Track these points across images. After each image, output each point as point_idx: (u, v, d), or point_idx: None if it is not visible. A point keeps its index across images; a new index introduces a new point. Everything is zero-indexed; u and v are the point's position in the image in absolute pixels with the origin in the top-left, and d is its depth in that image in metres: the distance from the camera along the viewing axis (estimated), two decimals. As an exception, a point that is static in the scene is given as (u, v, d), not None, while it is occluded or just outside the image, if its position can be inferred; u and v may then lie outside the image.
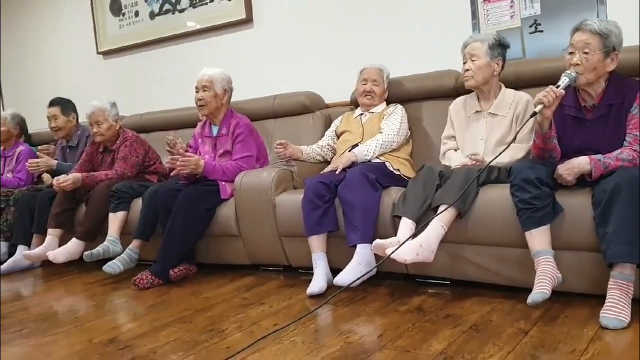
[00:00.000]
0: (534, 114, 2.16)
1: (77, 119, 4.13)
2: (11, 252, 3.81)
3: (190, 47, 4.45)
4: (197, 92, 3.25)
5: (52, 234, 3.56)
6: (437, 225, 2.24)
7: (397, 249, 2.18)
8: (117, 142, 3.69)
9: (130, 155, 3.62)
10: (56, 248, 3.46)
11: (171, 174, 3.44)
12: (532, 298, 1.98)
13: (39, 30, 5.47)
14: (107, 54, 4.94)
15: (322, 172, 2.93)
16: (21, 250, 3.70)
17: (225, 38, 4.26)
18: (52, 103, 4.05)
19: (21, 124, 4.54)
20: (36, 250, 3.53)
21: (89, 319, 2.51)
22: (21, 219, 3.80)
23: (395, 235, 2.36)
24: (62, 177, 3.51)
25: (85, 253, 3.26)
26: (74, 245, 3.39)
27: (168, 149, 3.16)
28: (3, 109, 5.56)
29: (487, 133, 2.62)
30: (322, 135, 3.34)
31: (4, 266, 3.63)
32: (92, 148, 3.80)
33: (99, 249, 3.25)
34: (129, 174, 3.60)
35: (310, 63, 3.87)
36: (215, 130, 3.32)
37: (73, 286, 3.20)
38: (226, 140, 3.26)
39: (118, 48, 4.84)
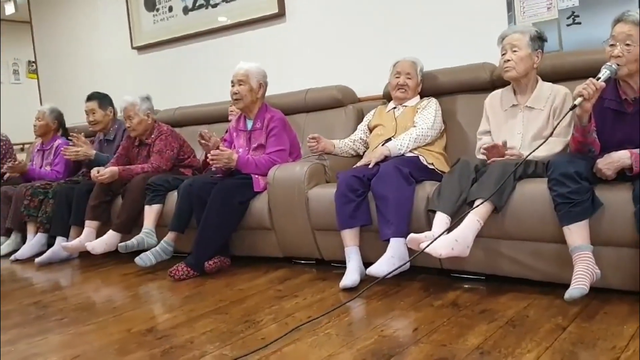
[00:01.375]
0: (574, 106, 2.13)
1: (115, 113, 4.21)
2: (50, 244, 3.92)
3: (223, 42, 4.48)
4: (232, 86, 3.28)
5: (90, 226, 3.65)
6: (473, 220, 2.22)
7: (431, 242, 2.17)
8: (153, 135, 3.75)
9: (166, 148, 3.68)
10: (94, 240, 3.55)
11: (209, 167, 3.49)
12: (569, 294, 1.96)
13: (75, 26, 5.58)
14: (141, 49, 5.01)
15: (354, 166, 2.93)
16: (59, 241, 3.80)
17: (257, 33, 4.28)
18: (90, 97, 4.14)
19: (59, 118, 4.65)
20: (74, 242, 3.62)
21: (126, 309, 2.56)
22: (59, 211, 3.89)
23: (429, 229, 2.35)
24: (100, 170, 3.59)
25: (120, 244, 3.33)
26: (110, 237, 3.47)
27: (203, 142, 3.20)
28: (41, 104, 5.70)
29: (523, 127, 2.59)
30: (355, 129, 3.33)
31: (43, 257, 3.73)
32: (127, 142, 3.88)
33: (134, 240, 3.32)
34: (164, 168, 3.66)
35: (343, 57, 3.86)
36: (249, 124, 3.35)
37: (110, 277, 3.27)
38: (260, 134, 3.28)
39: (152, 43, 4.90)
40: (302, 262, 3.12)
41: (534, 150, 2.28)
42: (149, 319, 2.38)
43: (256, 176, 3.15)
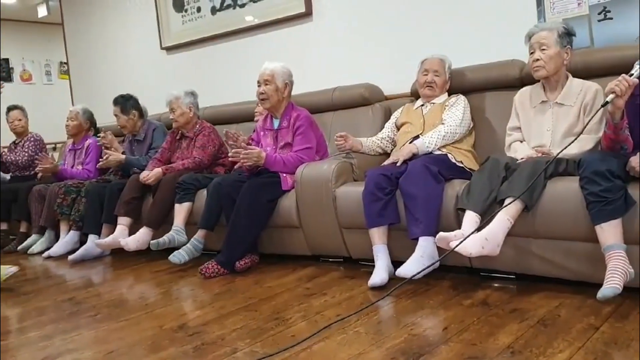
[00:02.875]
0: (606, 103, 2.10)
1: (141, 114, 4.27)
2: (82, 241, 4.01)
3: (250, 42, 4.52)
4: (259, 86, 3.30)
5: (122, 223, 3.73)
6: (503, 219, 2.21)
7: (461, 242, 2.16)
8: (194, 130, 3.86)
9: (208, 144, 3.78)
10: (127, 236, 3.62)
11: (235, 167, 3.53)
12: (602, 293, 1.93)
13: (106, 27, 5.69)
14: (170, 49, 5.08)
15: (382, 165, 2.93)
16: (92, 239, 3.88)
17: (284, 32, 4.30)
18: (114, 102, 4.22)
19: (91, 118, 4.75)
20: (108, 239, 3.69)
21: (158, 305, 2.61)
22: (91, 209, 3.98)
23: (458, 228, 2.34)
24: (145, 174, 3.72)
25: (151, 242, 3.39)
26: (143, 235, 3.54)
27: (230, 142, 3.24)
28: (72, 104, 5.82)
29: (553, 124, 2.56)
30: (382, 128, 3.33)
31: (75, 254, 3.82)
32: (171, 137, 4.01)
33: (165, 238, 3.38)
34: (205, 162, 3.76)
35: (370, 55, 3.86)
36: (276, 123, 3.37)
37: (142, 274, 3.33)
38: (287, 132, 3.30)
39: (181, 43, 4.97)
40: (330, 260, 3.14)
41: (564, 148, 2.26)
42: (180, 316, 2.42)
43: (284, 175, 3.17)
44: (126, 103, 4.20)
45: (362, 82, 3.67)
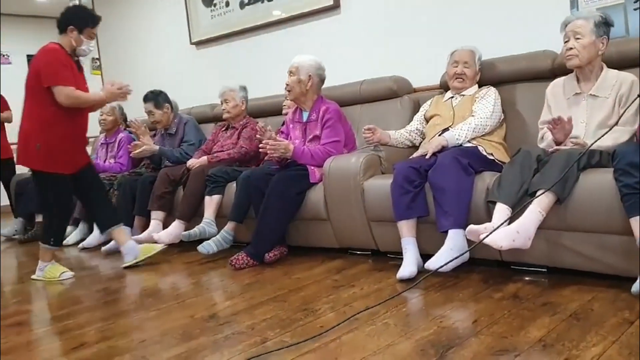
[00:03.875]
0: (642, 94, 2.05)
1: (172, 108, 4.32)
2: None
3: (279, 36, 4.53)
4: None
5: (156, 217, 3.82)
6: (535, 211, 2.18)
7: (491, 233, 2.14)
8: (242, 123, 3.99)
9: (255, 137, 3.80)
10: (161, 230, 3.70)
11: (265, 158, 3.56)
12: (637, 287, 1.90)
13: (137, 23, 5.77)
14: (199, 44, 5.13)
15: (411, 157, 2.92)
16: (126, 231, 3.94)
17: (313, 25, 4.31)
18: (146, 99, 4.28)
19: (124, 113, 4.84)
20: (143, 235, 3.78)
21: (189, 295, 2.65)
22: (123, 202, 4.05)
23: (488, 221, 2.32)
24: (192, 161, 3.88)
25: (183, 233, 3.46)
26: (175, 228, 3.62)
27: (258, 136, 3.26)
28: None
29: (587, 116, 2.51)
30: (410, 120, 3.32)
31: (109, 245, 3.90)
32: (216, 129, 4.15)
33: (196, 229, 3.44)
34: (251, 153, 3.87)
35: (398, 47, 3.84)
36: (305, 116, 3.38)
37: (173, 265, 3.38)
38: (315, 125, 3.31)
39: (210, 38, 5.01)
40: (358, 252, 3.14)
41: (598, 139, 2.21)
42: (211, 306, 2.45)
43: (312, 167, 3.18)
44: (158, 98, 4.26)
45: (391, 75, 3.65)
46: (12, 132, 5.26)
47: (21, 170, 5.68)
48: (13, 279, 3.59)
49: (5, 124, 5.61)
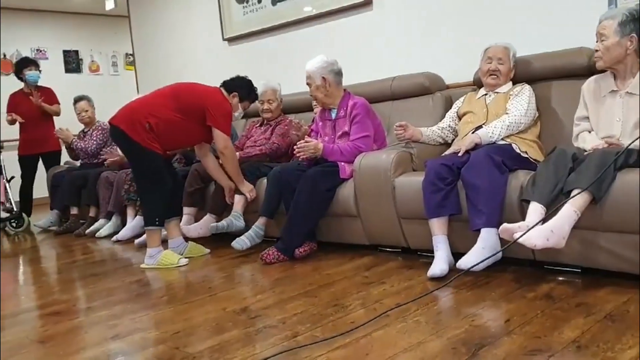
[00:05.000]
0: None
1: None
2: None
3: (310, 32, 4.54)
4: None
5: (188, 213, 3.86)
6: (570, 211, 2.15)
7: (525, 233, 2.12)
8: (277, 120, 4.02)
9: (288, 134, 3.88)
10: (192, 225, 3.76)
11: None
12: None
13: (170, 19, 5.84)
14: (231, 40, 5.17)
15: (443, 154, 2.90)
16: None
17: (344, 21, 4.30)
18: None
19: None
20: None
21: (221, 289, 2.69)
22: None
23: (522, 220, 2.29)
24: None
25: (211, 225, 3.51)
26: (206, 222, 3.66)
27: (293, 131, 3.29)
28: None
29: (623, 114, 2.46)
30: (442, 117, 3.30)
31: (142, 238, 3.95)
32: (251, 125, 4.19)
33: (224, 222, 3.48)
34: (283, 150, 3.88)
35: (430, 43, 3.81)
36: (333, 113, 3.39)
37: (205, 259, 3.43)
38: (344, 122, 3.31)
39: (242, 34, 5.05)
40: (388, 249, 3.14)
41: (636, 139, 2.17)
42: (242, 300, 2.48)
43: (342, 163, 3.19)
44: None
45: (423, 71, 3.63)
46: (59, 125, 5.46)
47: (63, 162, 5.85)
48: (50, 270, 3.68)
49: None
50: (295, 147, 3.25)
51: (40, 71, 5.64)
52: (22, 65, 5.58)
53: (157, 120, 3.23)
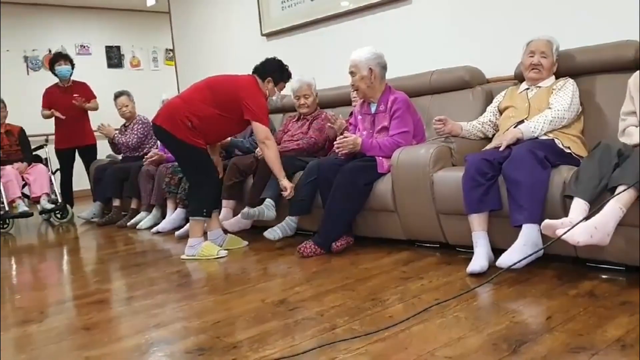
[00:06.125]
0: None
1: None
2: (188, 218, 4.21)
3: (349, 26, 4.53)
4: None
5: (227, 206, 3.92)
6: (615, 207, 2.10)
7: (569, 230, 2.08)
8: (314, 114, 4.03)
9: (325, 128, 3.90)
10: (231, 218, 3.80)
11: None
12: None
13: (209, 15, 5.91)
14: (270, 35, 5.20)
15: (484, 149, 2.87)
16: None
17: (382, 15, 4.28)
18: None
19: None
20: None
21: (259, 281, 2.73)
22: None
23: (564, 216, 2.24)
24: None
25: (242, 211, 3.57)
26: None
27: (329, 124, 3.29)
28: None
29: (673, 108, 2.39)
30: (482, 112, 3.25)
31: (182, 230, 4.05)
32: (288, 120, 4.21)
33: (255, 210, 3.51)
34: (320, 144, 3.90)
35: (471, 37, 3.76)
36: (373, 107, 3.38)
37: (243, 251, 3.48)
38: (384, 116, 3.30)
39: (280, 30, 5.07)
40: (426, 245, 3.12)
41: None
42: (280, 291, 2.51)
43: (380, 158, 3.18)
44: None
45: (463, 65, 3.59)
46: (96, 120, 5.59)
47: (100, 155, 5.99)
48: (93, 259, 3.79)
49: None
50: (334, 143, 3.25)
51: (73, 65, 5.74)
52: (54, 61, 5.72)
53: (197, 119, 3.30)
